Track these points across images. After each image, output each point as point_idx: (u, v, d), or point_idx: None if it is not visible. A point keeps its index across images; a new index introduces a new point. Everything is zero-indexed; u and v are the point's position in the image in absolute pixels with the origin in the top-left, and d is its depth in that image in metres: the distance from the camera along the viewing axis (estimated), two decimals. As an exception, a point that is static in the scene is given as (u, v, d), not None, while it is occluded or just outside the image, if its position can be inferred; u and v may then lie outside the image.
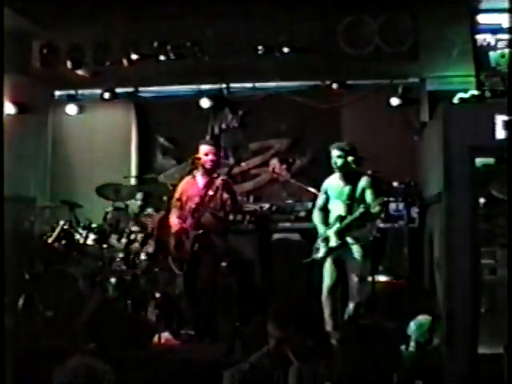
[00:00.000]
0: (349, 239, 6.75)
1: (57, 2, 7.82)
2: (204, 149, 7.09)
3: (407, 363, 5.82)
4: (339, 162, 6.79)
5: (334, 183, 6.94)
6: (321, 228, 6.94)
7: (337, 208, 6.86)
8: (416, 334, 6.18)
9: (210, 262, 6.89)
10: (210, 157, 7.07)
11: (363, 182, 6.78)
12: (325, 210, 7.00)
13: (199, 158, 7.06)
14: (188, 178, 7.28)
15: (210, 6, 7.91)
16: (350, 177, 6.81)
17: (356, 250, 6.74)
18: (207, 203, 6.92)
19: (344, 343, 5.88)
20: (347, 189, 6.79)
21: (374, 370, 4.44)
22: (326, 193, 7.01)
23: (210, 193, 6.94)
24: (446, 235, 5.87)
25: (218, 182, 7.01)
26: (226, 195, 6.97)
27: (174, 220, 7.11)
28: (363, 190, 6.74)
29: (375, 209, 6.63)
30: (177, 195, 7.22)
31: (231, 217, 7.20)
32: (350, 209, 6.75)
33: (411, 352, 6.08)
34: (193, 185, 7.16)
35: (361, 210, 6.61)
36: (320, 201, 7.07)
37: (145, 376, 5.42)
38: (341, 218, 6.75)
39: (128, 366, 5.32)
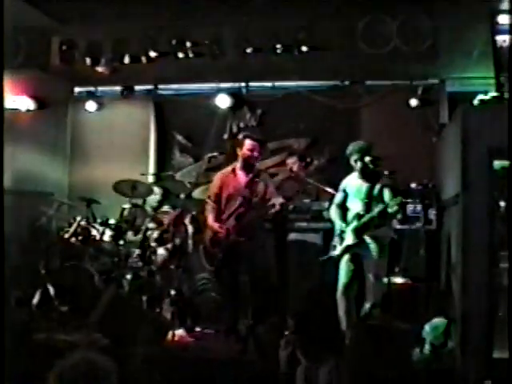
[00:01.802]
0: (366, 238, 6.74)
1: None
2: (250, 144, 7.01)
3: (422, 366, 5.79)
4: (359, 164, 6.79)
5: (352, 181, 6.95)
6: (338, 225, 6.94)
7: (355, 206, 6.86)
8: (431, 337, 6.15)
9: (244, 267, 6.90)
10: (256, 154, 7.04)
11: (382, 181, 6.77)
12: (342, 208, 7.00)
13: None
14: (227, 172, 7.21)
15: (228, 3, 7.92)
16: (368, 176, 6.81)
17: (373, 249, 6.72)
18: (251, 207, 6.91)
19: (358, 343, 5.86)
20: (366, 187, 6.79)
21: (387, 371, 4.42)
22: (344, 190, 7.02)
23: (254, 197, 6.92)
24: (464, 237, 5.83)
25: (261, 185, 6.99)
26: (268, 197, 6.97)
27: (211, 221, 7.04)
28: (381, 189, 6.74)
29: (393, 208, 6.62)
30: (215, 189, 7.17)
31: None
32: (368, 207, 6.75)
33: (426, 355, 6.04)
34: (233, 180, 7.09)
35: (378, 208, 6.61)
36: (338, 198, 7.07)
37: (158, 373, 5.42)
38: (358, 216, 6.75)
39: (141, 362, 5.34)
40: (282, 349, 4.60)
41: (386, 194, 6.72)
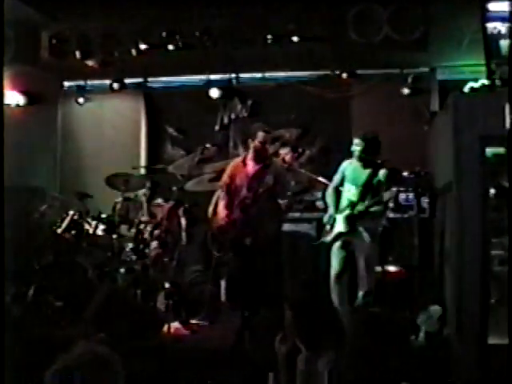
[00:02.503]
0: (359, 226, 6.75)
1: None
2: (262, 136, 7.09)
3: (417, 353, 5.82)
4: (357, 150, 6.80)
5: (353, 165, 6.93)
6: (331, 209, 6.94)
7: (349, 192, 6.85)
8: (426, 325, 6.17)
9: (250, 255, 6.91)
10: (267, 145, 7.12)
11: (381, 174, 6.75)
12: (337, 192, 7.00)
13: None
14: (237, 162, 7.30)
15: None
16: (369, 164, 6.80)
17: (365, 237, 6.74)
18: (255, 199, 6.93)
19: (354, 331, 5.88)
20: (365, 175, 6.79)
21: (382, 359, 4.44)
22: (343, 172, 7.00)
23: (260, 188, 6.94)
24: (457, 225, 5.86)
25: (270, 176, 7.01)
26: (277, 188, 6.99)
27: (222, 207, 7.17)
28: (379, 182, 6.73)
29: (379, 206, 6.64)
30: (226, 179, 7.27)
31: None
32: (362, 195, 6.75)
33: (421, 342, 6.07)
34: (242, 171, 7.17)
35: (373, 200, 6.63)
36: (336, 180, 7.08)
37: (154, 366, 5.43)
38: (352, 204, 6.75)
39: (137, 356, 5.34)
40: (279, 343, 4.59)
41: (383, 189, 6.71)
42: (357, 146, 6.82)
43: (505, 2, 5.93)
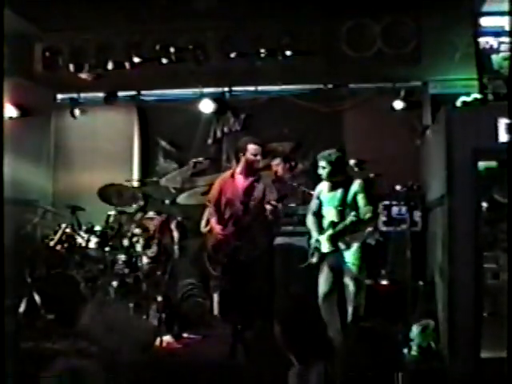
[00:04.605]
0: (342, 244, 6.73)
1: (59, 4, 7.82)
2: (253, 149, 7.04)
3: (410, 367, 5.80)
4: (324, 172, 6.81)
5: (325, 189, 6.95)
6: (314, 233, 6.94)
7: (329, 214, 6.85)
8: (419, 338, 6.17)
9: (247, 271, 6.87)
10: (258, 157, 7.06)
11: (355, 186, 6.76)
12: (318, 216, 6.99)
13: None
14: (226, 176, 7.24)
15: (211, 8, 7.91)
16: (340, 182, 6.81)
17: (350, 254, 6.73)
18: (248, 212, 6.89)
19: (343, 347, 5.87)
20: (338, 194, 6.79)
21: (375, 373, 4.42)
22: (318, 198, 7.01)
23: (252, 201, 6.91)
24: (449, 239, 5.86)
25: (260, 188, 6.98)
26: (268, 202, 6.91)
27: (214, 223, 7.10)
28: (355, 195, 6.73)
29: (367, 215, 6.62)
30: (215, 194, 7.20)
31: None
32: (342, 214, 6.74)
33: (414, 356, 6.07)
34: (232, 185, 7.10)
35: (352, 218, 6.59)
36: (313, 206, 7.07)
37: (146, 380, 5.40)
38: (333, 224, 6.74)
39: (129, 369, 5.31)
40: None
41: (360, 199, 6.72)
42: (323, 168, 6.83)
43: (497, 17, 5.98)
